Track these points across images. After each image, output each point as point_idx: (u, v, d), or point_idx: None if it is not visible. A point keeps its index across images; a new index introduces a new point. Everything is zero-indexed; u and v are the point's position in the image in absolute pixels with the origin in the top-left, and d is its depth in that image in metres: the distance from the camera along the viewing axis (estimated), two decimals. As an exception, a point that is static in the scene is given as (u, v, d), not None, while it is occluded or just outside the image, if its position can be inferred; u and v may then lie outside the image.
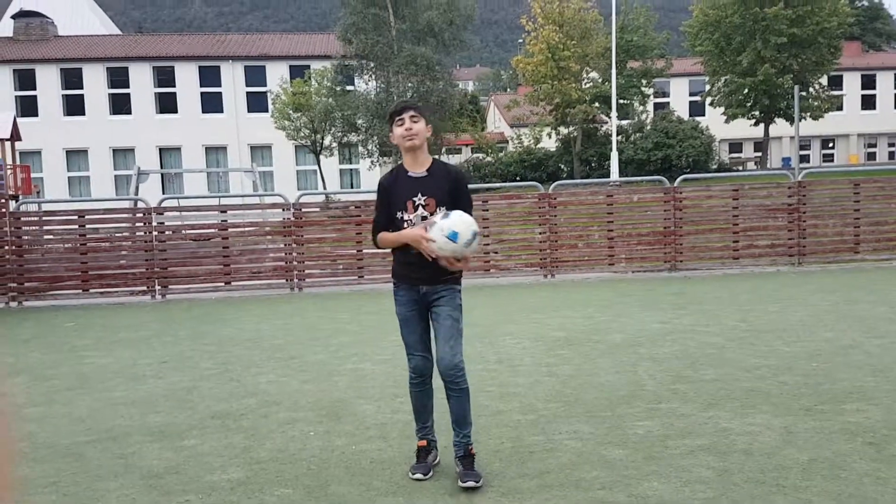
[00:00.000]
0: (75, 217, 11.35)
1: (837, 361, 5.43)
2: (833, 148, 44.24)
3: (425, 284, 3.51)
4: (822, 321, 7.03)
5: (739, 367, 5.37)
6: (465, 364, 3.52)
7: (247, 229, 11.71)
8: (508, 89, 61.95)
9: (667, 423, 4.16)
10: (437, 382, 3.59)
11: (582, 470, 3.54)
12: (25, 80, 32.73)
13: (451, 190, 3.52)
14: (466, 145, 40.70)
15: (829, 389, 4.71)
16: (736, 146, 43.02)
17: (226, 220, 11.84)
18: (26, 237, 11.26)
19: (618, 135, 30.07)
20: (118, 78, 33.26)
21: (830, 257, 11.79)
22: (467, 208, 3.53)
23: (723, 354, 5.79)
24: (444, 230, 3.32)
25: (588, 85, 32.91)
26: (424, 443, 3.67)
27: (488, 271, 11.54)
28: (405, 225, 3.47)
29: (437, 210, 3.46)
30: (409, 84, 26.74)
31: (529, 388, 5.04)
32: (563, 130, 32.82)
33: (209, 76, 33.68)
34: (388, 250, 3.65)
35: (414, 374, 3.62)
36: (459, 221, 3.34)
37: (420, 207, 3.47)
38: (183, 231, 11.68)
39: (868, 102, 43.46)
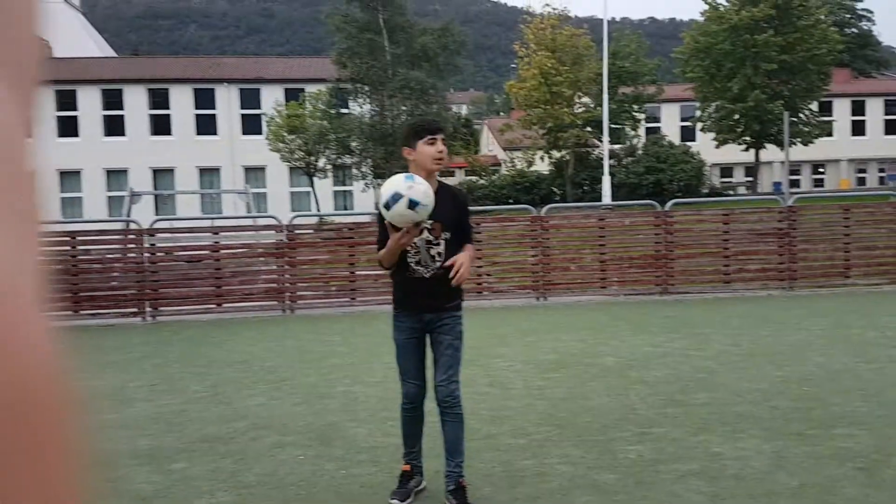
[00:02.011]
0: (67, 238, 11.32)
1: (828, 386, 5.43)
2: (823, 173, 44.59)
3: (429, 312, 3.45)
4: (813, 346, 7.05)
5: (731, 391, 5.37)
6: (461, 391, 3.51)
7: (239, 251, 11.69)
8: (502, 113, 62.37)
9: (658, 448, 4.15)
10: (429, 407, 3.58)
11: (573, 495, 3.52)
12: (20, 101, 32.74)
13: (456, 214, 3.47)
14: (460, 168, 40.88)
15: (820, 414, 4.71)
16: (727, 171, 43.32)
17: (218, 242, 11.82)
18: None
19: (610, 159, 30.26)
20: (112, 100, 33.35)
21: (821, 282, 11.83)
22: (468, 232, 3.50)
23: (714, 378, 5.79)
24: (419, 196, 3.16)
25: (580, 110, 33.18)
26: (409, 468, 3.64)
27: (481, 293, 11.53)
28: (409, 248, 3.40)
29: (443, 234, 3.41)
30: (404, 107, 26.91)
31: (521, 411, 5.02)
32: (556, 154, 33.04)
33: (204, 98, 33.80)
34: (389, 275, 3.59)
35: (406, 399, 3.58)
36: (384, 186, 3.22)
37: (426, 231, 3.39)
38: (175, 252, 11.65)
39: (858, 128, 43.89)
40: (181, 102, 33.55)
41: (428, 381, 3.62)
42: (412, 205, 3.13)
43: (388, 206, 3.13)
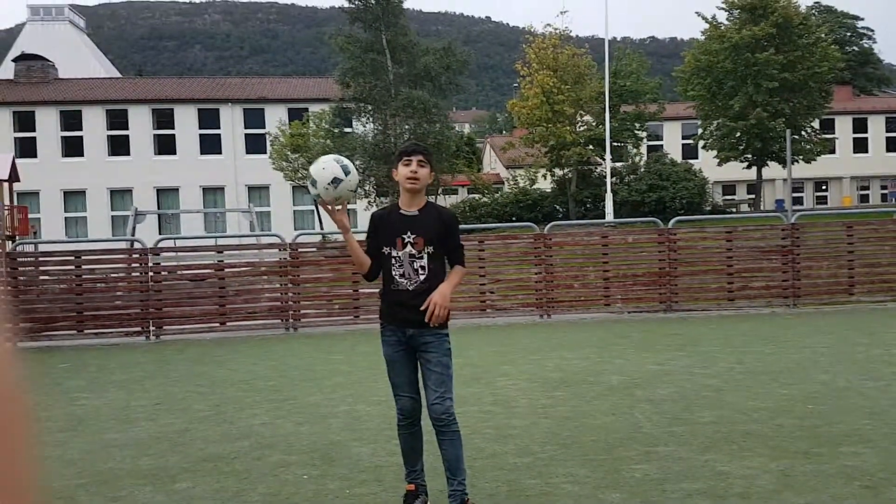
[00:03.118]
0: (71, 258, 11.35)
1: (834, 404, 5.41)
2: (826, 190, 44.61)
3: (412, 327, 3.53)
4: (818, 363, 7.02)
5: (736, 409, 5.35)
6: (455, 409, 3.52)
7: (243, 269, 11.71)
8: (504, 131, 62.61)
9: (664, 467, 4.13)
10: (428, 425, 3.57)
11: (578, 514, 3.50)
12: (25, 121, 33.00)
13: (440, 232, 3.59)
14: (463, 186, 40.99)
15: (826, 432, 4.68)
16: (729, 188, 43.36)
17: (222, 261, 11.85)
18: (22, 278, 11.24)
19: (612, 177, 30.31)
20: (117, 120, 33.56)
21: (825, 299, 11.81)
22: (457, 250, 3.65)
23: (719, 397, 5.77)
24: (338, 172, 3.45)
25: (582, 128, 33.28)
26: (413, 487, 3.63)
27: (484, 311, 11.53)
28: (392, 261, 3.55)
29: (425, 248, 3.53)
30: (407, 126, 27.04)
31: (526, 430, 5.00)
32: (558, 172, 33.10)
33: (208, 118, 34.00)
34: (378, 292, 3.72)
35: (401, 415, 3.60)
36: (314, 165, 3.51)
37: (409, 245, 3.54)
38: (179, 271, 11.68)
39: (860, 146, 43.97)
40: (185, 122, 33.75)
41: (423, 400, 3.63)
42: (311, 184, 3.48)
43: (323, 182, 3.45)
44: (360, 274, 3.74)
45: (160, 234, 28.01)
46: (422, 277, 3.53)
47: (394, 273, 3.55)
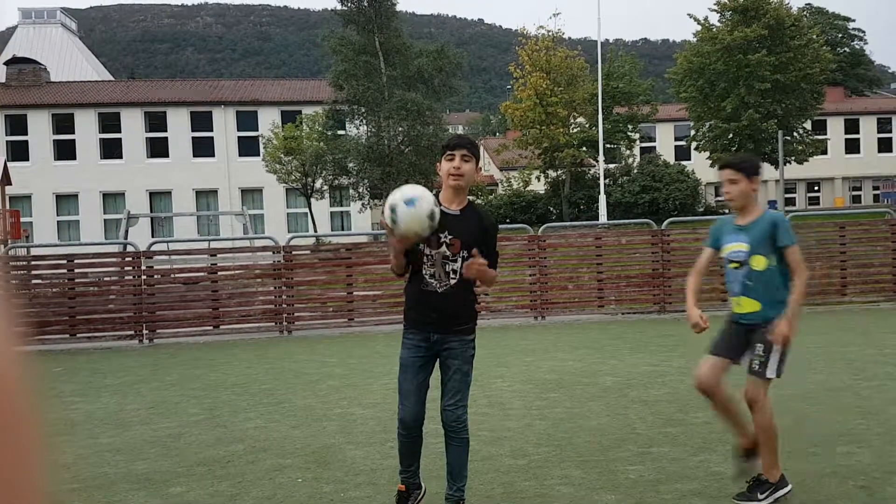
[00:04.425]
0: (64, 261, 11.30)
1: (828, 404, 5.43)
2: (818, 191, 44.81)
3: (437, 332, 3.40)
4: (812, 363, 7.04)
5: (730, 409, 5.35)
6: (468, 417, 3.49)
7: (236, 272, 11.68)
8: (497, 134, 62.69)
9: (658, 468, 4.14)
10: (429, 429, 3.56)
11: (574, 515, 3.50)
12: (17, 125, 32.87)
13: (480, 236, 3.41)
14: (456, 189, 41.03)
15: (820, 432, 4.70)
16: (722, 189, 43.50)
17: (215, 264, 11.81)
18: (14, 282, 11.18)
19: (605, 178, 30.40)
20: (110, 123, 33.46)
21: (818, 299, 11.84)
22: (493, 258, 3.45)
23: (713, 397, 5.78)
24: (398, 200, 3.20)
25: (575, 130, 33.39)
26: (404, 487, 3.59)
27: (479, 313, 11.51)
28: (425, 259, 3.38)
29: (461, 252, 3.37)
30: (400, 128, 27.05)
31: (521, 431, 5.00)
32: (552, 174, 33.20)
33: (201, 121, 33.93)
34: (403, 289, 3.62)
35: (402, 428, 3.50)
36: (408, 188, 3.29)
37: (444, 245, 3.38)
38: (172, 275, 11.64)
39: (852, 146, 44.18)
40: (178, 125, 33.67)
41: (430, 404, 3.56)
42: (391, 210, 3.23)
43: (416, 208, 3.20)
44: (391, 271, 3.52)
45: (153, 237, 27.95)
46: (452, 281, 3.39)
47: (424, 272, 3.39)
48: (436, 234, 3.32)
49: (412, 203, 3.17)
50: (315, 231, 31.11)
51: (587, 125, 33.44)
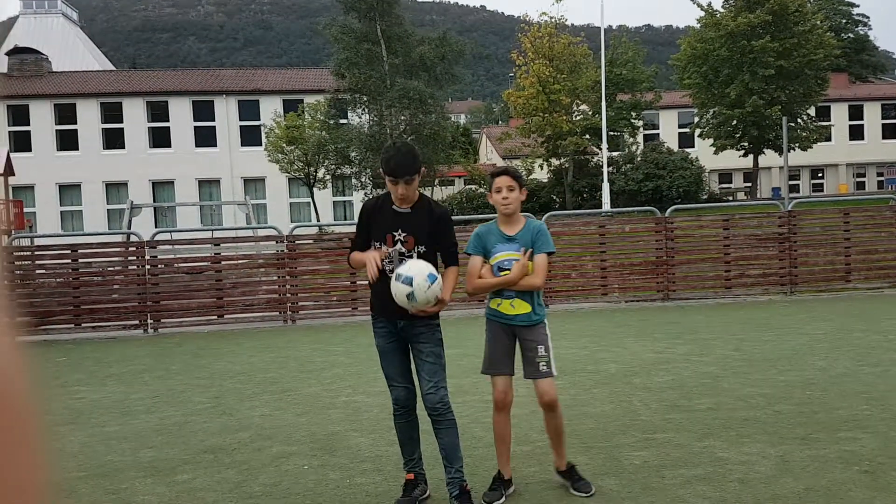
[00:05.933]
0: (68, 251, 11.32)
1: (832, 390, 5.43)
2: (822, 178, 44.65)
3: (402, 319, 3.49)
4: (816, 350, 7.05)
5: (734, 396, 5.37)
6: (449, 397, 3.53)
7: (240, 262, 11.69)
8: (500, 122, 62.52)
9: (662, 454, 4.15)
10: (423, 414, 3.58)
11: (578, 502, 3.52)
12: (19, 115, 32.85)
13: (431, 230, 3.51)
14: (459, 177, 40.97)
15: (824, 418, 4.70)
16: (726, 176, 43.38)
17: (219, 253, 11.83)
18: (18, 272, 11.21)
19: (609, 166, 30.30)
20: (112, 113, 33.43)
21: (822, 286, 11.83)
22: (451, 249, 3.55)
23: (717, 384, 5.79)
24: (399, 275, 3.33)
25: (578, 117, 33.24)
26: (412, 476, 3.65)
27: (482, 301, 11.52)
28: (384, 255, 3.51)
29: (416, 248, 3.47)
30: (402, 117, 26.98)
31: (525, 418, 5.01)
32: (555, 162, 33.09)
33: (203, 110, 33.88)
34: (368, 283, 3.67)
35: (396, 405, 3.61)
36: (412, 266, 3.36)
37: (399, 243, 3.49)
38: (176, 264, 11.65)
39: (856, 133, 43.99)
40: (180, 115, 33.63)
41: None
42: (406, 281, 3.33)
43: (425, 289, 3.33)
44: (349, 263, 3.73)
45: (156, 227, 27.97)
46: None
47: (385, 267, 3.50)
48: (390, 233, 3.49)
49: (433, 278, 3.33)
50: (318, 220, 31.12)
51: (590, 113, 33.29)
